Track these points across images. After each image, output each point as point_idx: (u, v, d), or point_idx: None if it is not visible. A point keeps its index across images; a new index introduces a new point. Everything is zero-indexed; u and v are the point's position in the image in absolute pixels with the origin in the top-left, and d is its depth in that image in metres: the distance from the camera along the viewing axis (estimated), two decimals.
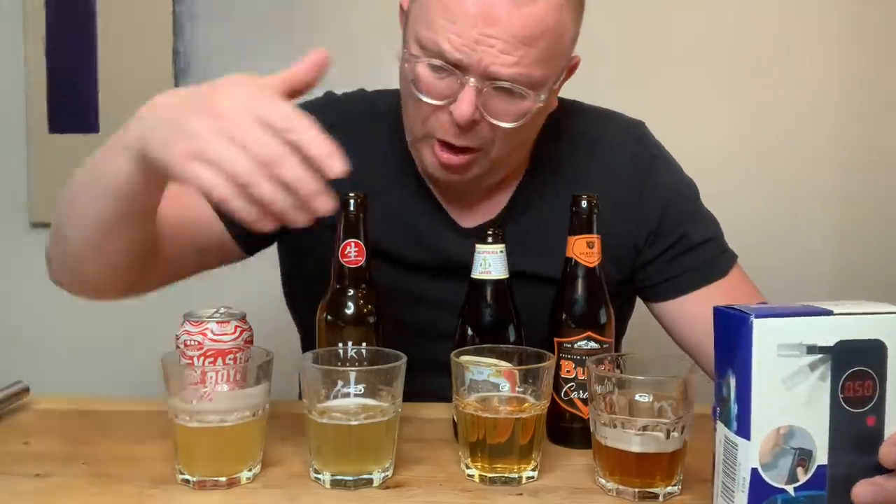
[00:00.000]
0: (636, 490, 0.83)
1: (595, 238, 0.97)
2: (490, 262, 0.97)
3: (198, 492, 0.84)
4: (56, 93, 2.02)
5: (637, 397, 0.84)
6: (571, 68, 1.14)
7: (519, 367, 0.90)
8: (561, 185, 1.16)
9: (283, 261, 1.31)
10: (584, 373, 0.94)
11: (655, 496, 0.83)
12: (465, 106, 1.03)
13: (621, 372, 0.90)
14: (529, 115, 1.06)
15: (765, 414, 0.70)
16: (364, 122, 1.23)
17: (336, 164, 0.75)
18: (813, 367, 0.70)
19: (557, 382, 0.95)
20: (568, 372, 0.96)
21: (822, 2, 1.95)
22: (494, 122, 1.05)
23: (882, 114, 1.97)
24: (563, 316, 0.97)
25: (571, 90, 1.18)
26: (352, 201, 0.97)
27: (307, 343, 1.24)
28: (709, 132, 1.97)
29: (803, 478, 0.71)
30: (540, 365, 0.88)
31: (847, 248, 2.00)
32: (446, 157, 1.09)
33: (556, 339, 0.97)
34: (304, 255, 1.21)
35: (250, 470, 0.87)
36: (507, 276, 0.97)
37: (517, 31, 1.00)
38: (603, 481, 0.86)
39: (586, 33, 1.10)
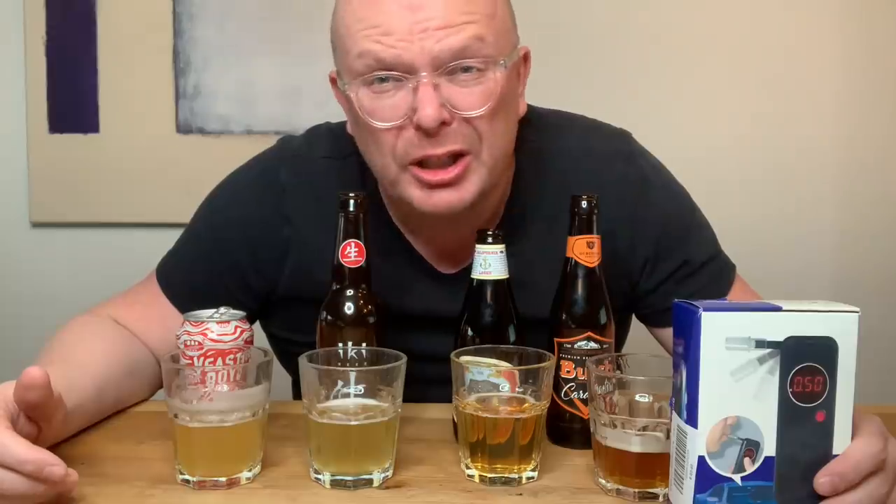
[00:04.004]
0: (636, 490, 0.83)
1: (595, 238, 0.97)
2: (490, 263, 0.96)
3: (198, 492, 0.84)
4: (56, 93, 2.02)
5: (637, 397, 0.85)
6: (524, 58, 1.07)
7: (519, 368, 0.90)
8: (546, 218, 1.10)
9: (274, 342, 1.23)
10: (584, 373, 0.94)
11: (655, 496, 0.83)
12: (427, 107, 0.93)
13: (621, 372, 0.90)
14: (497, 95, 0.97)
15: (712, 404, 0.72)
16: (323, 171, 1.13)
17: (55, 470, 0.74)
18: (762, 360, 0.71)
19: (557, 383, 0.95)
20: (568, 372, 0.96)
21: (824, 1, 1.96)
22: (466, 114, 0.96)
23: (883, 114, 1.97)
24: (563, 316, 0.97)
25: (571, 88, 1.17)
26: (351, 201, 0.96)
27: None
28: (709, 133, 1.97)
29: (751, 468, 0.72)
30: (540, 365, 0.88)
31: (849, 249, 2.00)
32: (437, 177, 0.98)
33: (556, 340, 0.97)
34: (297, 331, 1.13)
35: (250, 470, 0.87)
36: (507, 276, 0.97)
37: (448, 1, 0.93)
38: (603, 481, 0.85)
39: (587, 33, 1.09)
